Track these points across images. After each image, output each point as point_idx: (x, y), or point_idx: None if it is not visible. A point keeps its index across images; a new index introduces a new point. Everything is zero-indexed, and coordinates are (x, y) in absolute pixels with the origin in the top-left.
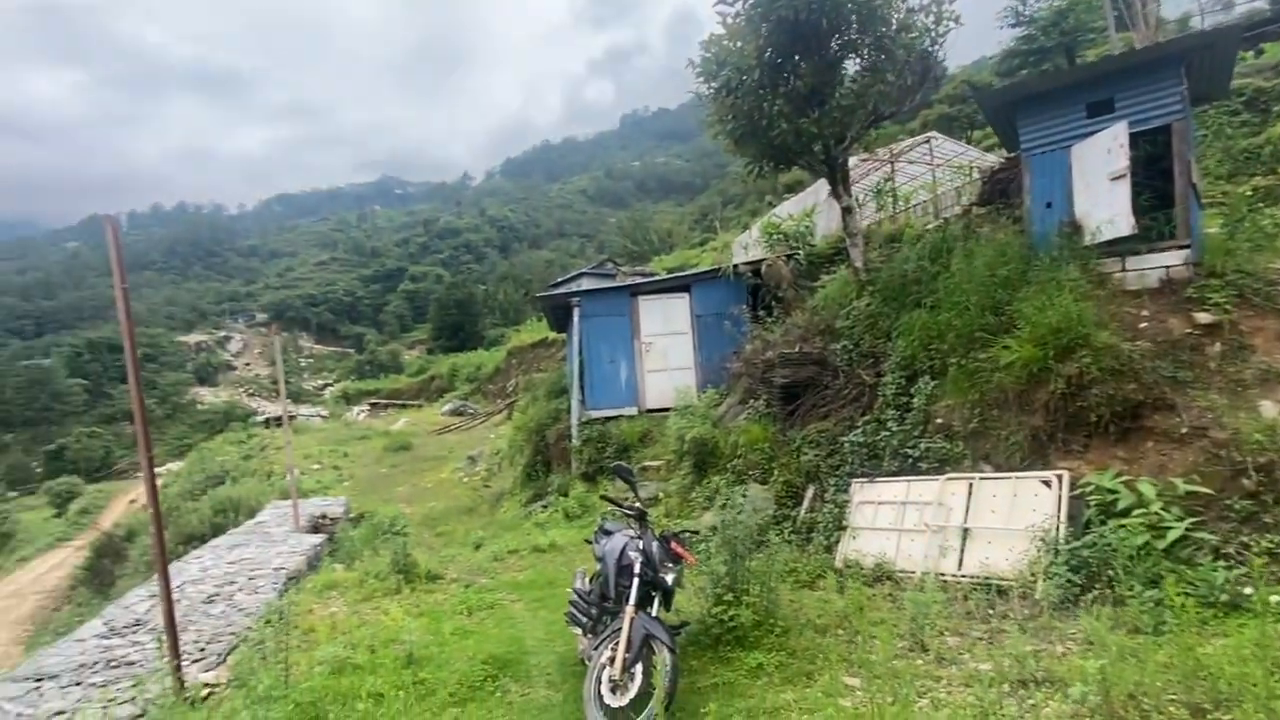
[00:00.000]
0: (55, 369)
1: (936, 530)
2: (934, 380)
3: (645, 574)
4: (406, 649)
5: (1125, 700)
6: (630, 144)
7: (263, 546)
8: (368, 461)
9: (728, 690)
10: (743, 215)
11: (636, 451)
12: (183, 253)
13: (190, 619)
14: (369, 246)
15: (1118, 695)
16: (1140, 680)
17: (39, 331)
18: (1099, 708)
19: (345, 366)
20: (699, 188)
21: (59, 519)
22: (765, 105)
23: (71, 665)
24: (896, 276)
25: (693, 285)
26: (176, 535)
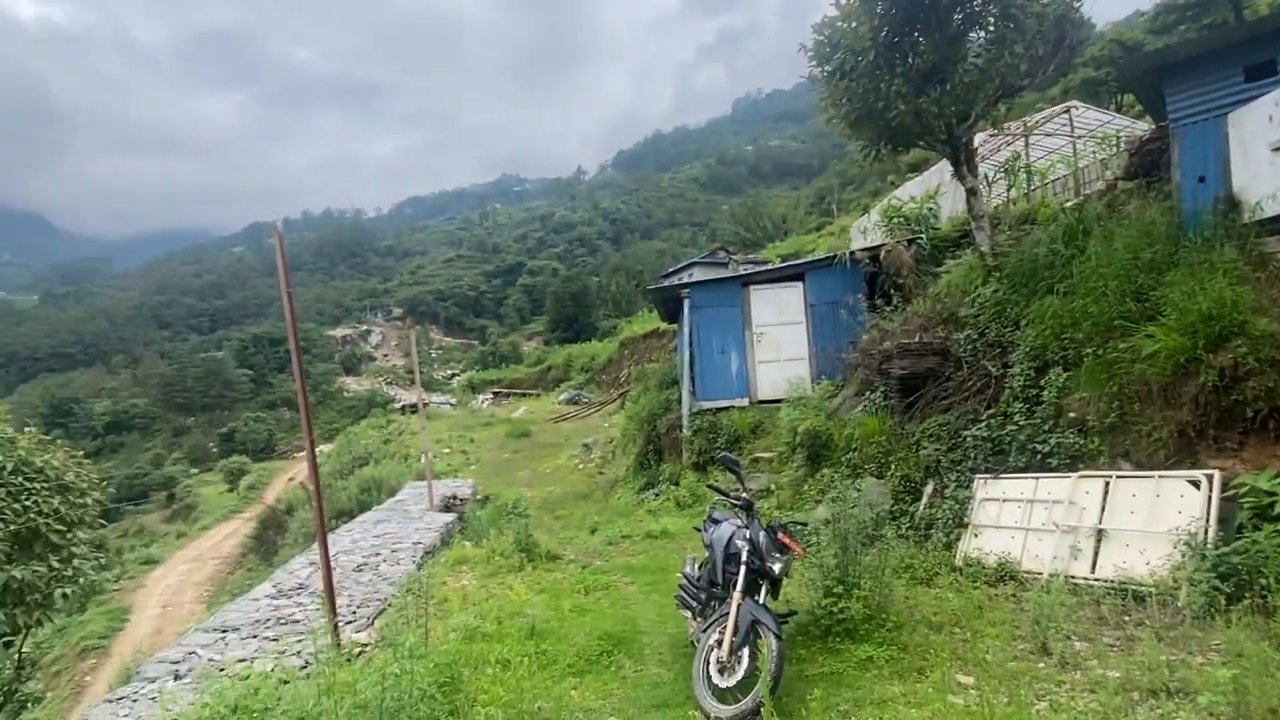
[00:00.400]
0: (226, 360)
1: (1067, 530)
2: (1067, 372)
3: (752, 562)
4: (529, 622)
5: (1266, 714)
6: (743, 128)
7: (402, 523)
8: (491, 447)
9: (835, 680)
10: (862, 197)
11: (748, 443)
12: (329, 254)
13: (343, 585)
14: (490, 243)
15: (1257, 708)
16: None
17: (213, 327)
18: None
19: (470, 357)
20: (816, 169)
21: (231, 493)
22: (882, 86)
23: (249, 620)
24: (1027, 261)
25: (807, 274)
26: (329, 510)
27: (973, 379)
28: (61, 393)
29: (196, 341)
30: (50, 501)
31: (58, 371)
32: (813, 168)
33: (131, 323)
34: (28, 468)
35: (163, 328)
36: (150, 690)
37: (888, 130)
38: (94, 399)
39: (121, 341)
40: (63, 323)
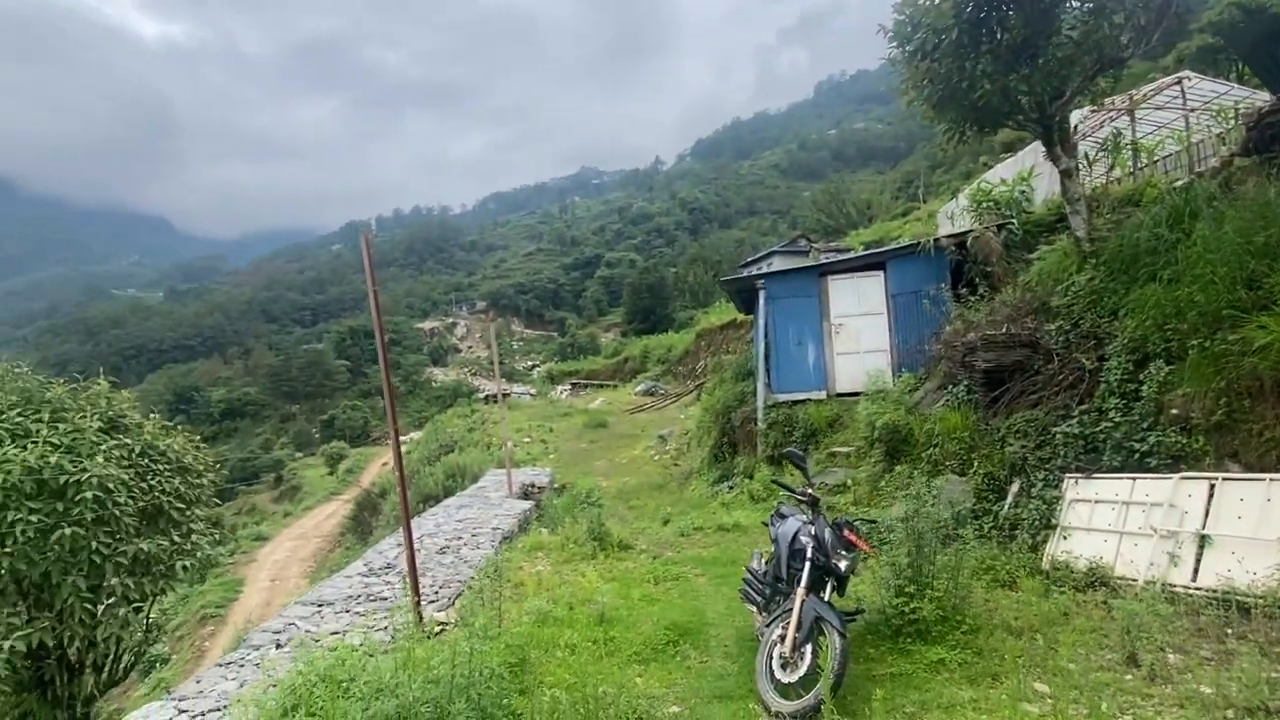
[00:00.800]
0: (326, 352)
1: (1166, 535)
2: (1169, 365)
3: (817, 559)
4: (599, 609)
5: None
6: (826, 112)
7: (483, 508)
8: (569, 436)
9: (903, 681)
10: (953, 181)
11: (825, 436)
12: (418, 250)
13: (426, 566)
14: (569, 236)
15: None
16: None
17: (314, 321)
18: None
19: (550, 349)
20: (902, 152)
21: (331, 476)
22: (966, 65)
23: (342, 596)
24: (1127, 246)
25: (888, 262)
26: (417, 495)
27: (1064, 373)
28: (183, 381)
29: (300, 334)
30: (172, 481)
31: (180, 362)
32: (899, 150)
33: (243, 317)
34: (153, 450)
35: (270, 321)
36: (255, 657)
37: (973, 111)
38: (211, 387)
39: (235, 334)
40: (184, 317)
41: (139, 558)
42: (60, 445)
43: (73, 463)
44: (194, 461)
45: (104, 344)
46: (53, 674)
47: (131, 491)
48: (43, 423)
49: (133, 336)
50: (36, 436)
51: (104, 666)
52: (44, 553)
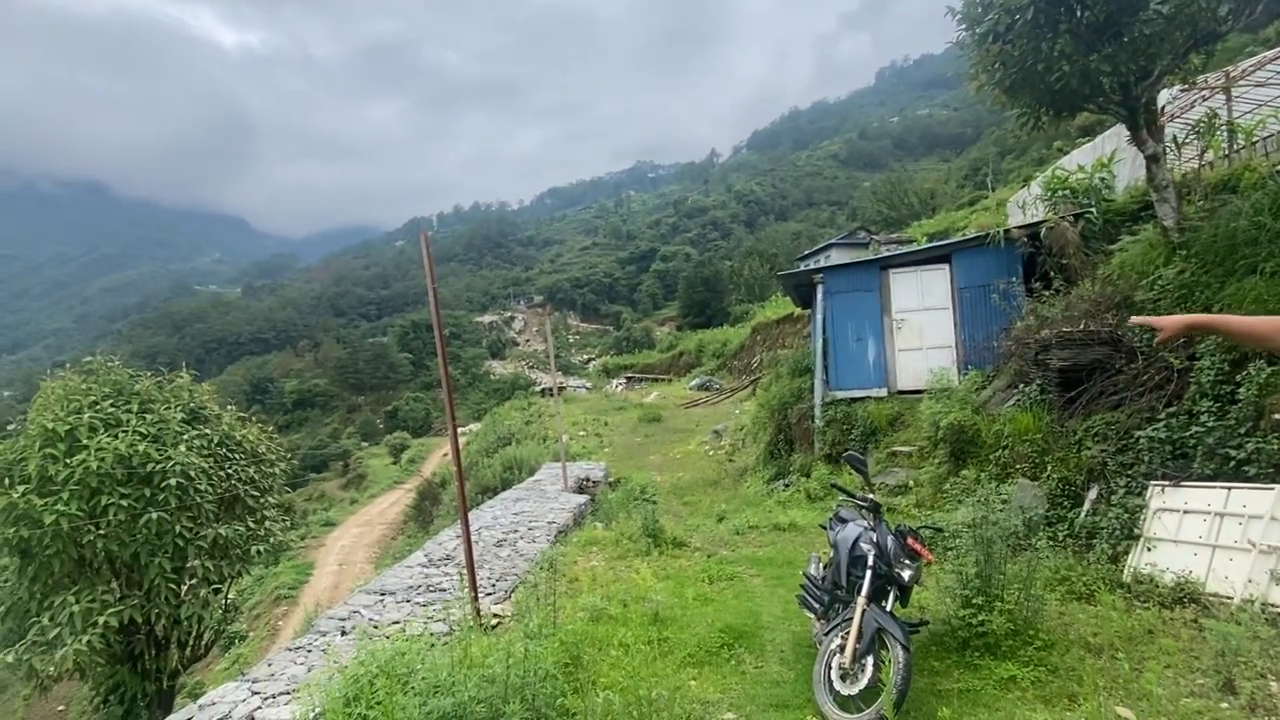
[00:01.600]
0: (390, 345)
1: (1267, 551)
2: (1271, 366)
3: (879, 567)
4: (653, 608)
5: None
6: (888, 99)
7: (539, 502)
8: (624, 430)
9: (971, 699)
10: (1024, 167)
11: (885, 435)
12: (477, 245)
13: (484, 559)
14: (624, 230)
15: None
16: None
17: (379, 315)
18: None
19: (605, 343)
20: (969, 139)
21: (395, 466)
22: (1044, 46)
23: (404, 586)
24: (1222, 236)
25: (954, 255)
26: (475, 486)
27: (1149, 372)
28: (259, 373)
29: (366, 328)
30: (247, 470)
31: (256, 355)
32: (965, 137)
33: (313, 311)
34: (230, 440)
35: (338, 315)
36: (321, 643)
37: (1050, 95)
38: (284, 379)
39: (306, 328)
40: (259, 312)
41: (218, 542)
42: (147, 434)
43: (158, 451)
44: (267, 451)
45: (189, 337)
46: (142, 648)
47: (211, 479)
48: (132, 413)
49: (214, 330)
50: (126, 426)
51: (187, 643)
52: (133, 535)
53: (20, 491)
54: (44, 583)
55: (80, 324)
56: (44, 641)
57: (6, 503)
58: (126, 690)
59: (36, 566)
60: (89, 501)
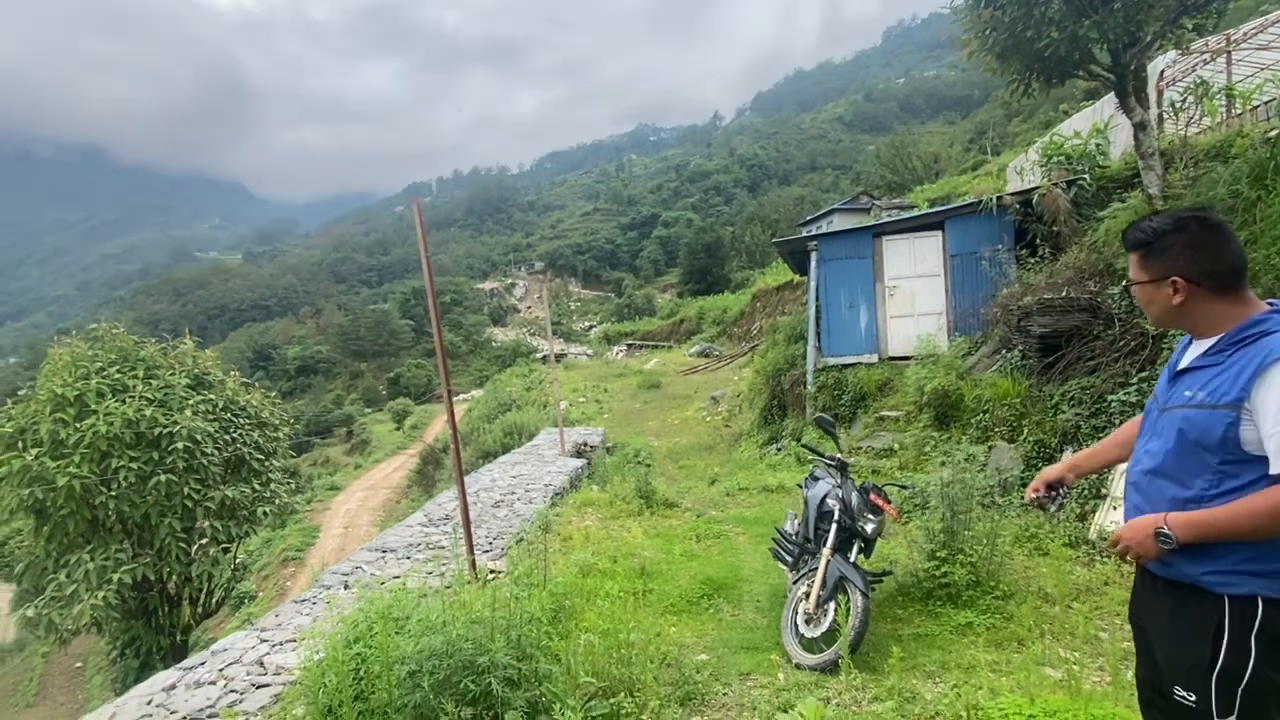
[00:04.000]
0: (391, 312)
1: None
2: None
3: (843, 521)
4: (641, 563)
5: None
6: (894, 60)
7: (537, 465)
8: (623, 397)
9: (927, 642)
10: (1030, 131)
11: (874, 400)
12: (477, 210)
13: (482, 519)
14: (626, 195)
15: None
16: None
17: (380, 281)
18: None
19: (607, 309)
20: (976, 101)
21: (398, 431)
22: (1036, 12)
23: (404, 543)
24: (1202, 204)
25: (947, 222)
26: (477, 451)
27: (1125, 338)
28: (262, 340)
29: (366, 294)
30: (251, 435)
31: (258, 321)
32: (973, 99)
33: (314, 278)
34: (234, 405)
35: (339, 282)
36: (325, 596)
37: (1039, 61)
38: (287, 345)
39: (307, 295)
40: (260, 279)
41: (225, 503)
42: (154, 400)
43: (165, 416)
44: (270, 416)
45: (190, 304)
46: (155, 605)
47: (217, 443)
48: (138, 379)
49: (215, 297)
50: (133, 391)
51: (198, 600)
52: (144, 496)
53: (33, 454)
54: (59, 542)
55: (82, 291)
56: (62, 597)
57: (21, 465)
58: (142, 644)
59: (52, 526)
60: (100, 464)
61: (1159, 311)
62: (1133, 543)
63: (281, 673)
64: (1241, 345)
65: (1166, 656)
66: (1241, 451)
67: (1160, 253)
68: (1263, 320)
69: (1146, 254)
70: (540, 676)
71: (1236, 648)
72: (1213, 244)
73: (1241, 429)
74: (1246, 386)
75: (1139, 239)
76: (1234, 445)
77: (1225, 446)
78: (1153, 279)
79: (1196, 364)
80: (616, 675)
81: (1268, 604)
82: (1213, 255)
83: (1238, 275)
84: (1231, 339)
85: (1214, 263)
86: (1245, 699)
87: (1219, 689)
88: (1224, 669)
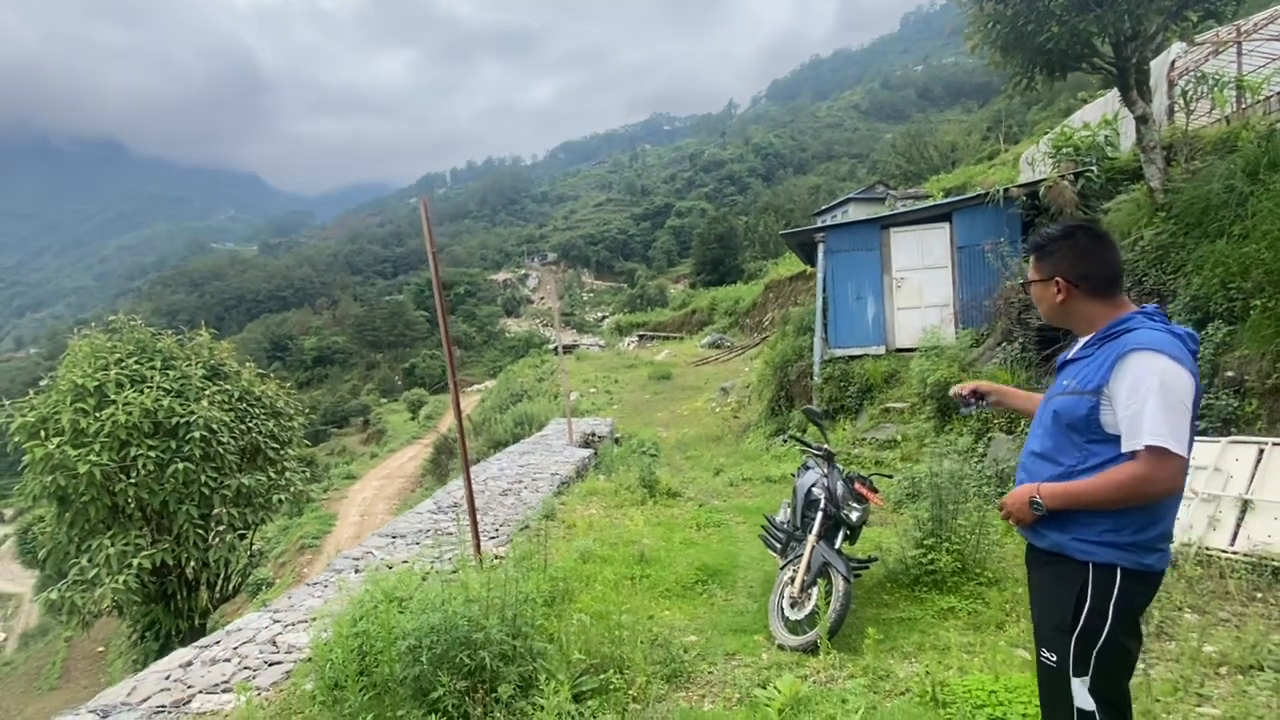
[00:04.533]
0: (405, 303)
1: (1208, 499)
2: (1229, 326)
3: (829, 509)
4: (640, 550)
5: None
6: (912, 47)
7: (545, 455)
8: (634, 388)
9: (909, 625)
10: (1051, 119)
11: (880, 392)
12: (491, 202)
13: (489, 506)
14: (639, 185)
15: None
16: None
17: (395, 273)
18: None
19: (619, 300)
20: (995, 88)
21: (413, 421)
22: (1038, 5)
23: (414, 530)
24: (1199, 199)
25: (954, 214)
26: (488, 441)
27: None
28: (278, 330)
29: (382, 285)
30: (266, 424)
31: (275, 312)
32: (991, 87)
33: (330, 269)
34: (250, 396)
35: (355, 273)
36: (336, 580)
37: (1040, 55)
38: (303, 336)
39: (323, 285)
40: (277, 270)
41: (241, 491)
42: (171, 390)
43: (182, 405)
44: (285, 406)
45: (207, 295)
46: (174, 589)
47: (233, 432)
48: (155, 369)
49: (232, 288)
50: (151, 382)
51: (215, 584)
52: (162, 484)
53: (56, 443)
54: (81, 527)
55: (100, 282)
56: (84, 581)
57: (44, 453)
58: (161, 627)
59: (74, 512)
60: (119, 452)
61: (1046, 308)
62: (1013, 508)
63: (293, 651)
64: (1107, 340)
65: (1037, 620)
66: (1103, 431)
67: (1049, 256)
68: (1127, 319)
69: (1039, 256)
70: (534, 653)
71: (1096, 613)
72: (1094, 252)
73: (1101, 412)
74: (1106, 375)
75: (1036, 243)
76: (1096, 426)
77: (1090, 427)
78: (1042, 278)
79: (1075, 357)
80: (607, 653)
81: (1125, 575)
82: (1092, 262)
83: (1112, 282)
84: (1100, 335)
85: (1093, 268)
86: (1099, 661)
87: (1077, 650)
88: (1082, 631)
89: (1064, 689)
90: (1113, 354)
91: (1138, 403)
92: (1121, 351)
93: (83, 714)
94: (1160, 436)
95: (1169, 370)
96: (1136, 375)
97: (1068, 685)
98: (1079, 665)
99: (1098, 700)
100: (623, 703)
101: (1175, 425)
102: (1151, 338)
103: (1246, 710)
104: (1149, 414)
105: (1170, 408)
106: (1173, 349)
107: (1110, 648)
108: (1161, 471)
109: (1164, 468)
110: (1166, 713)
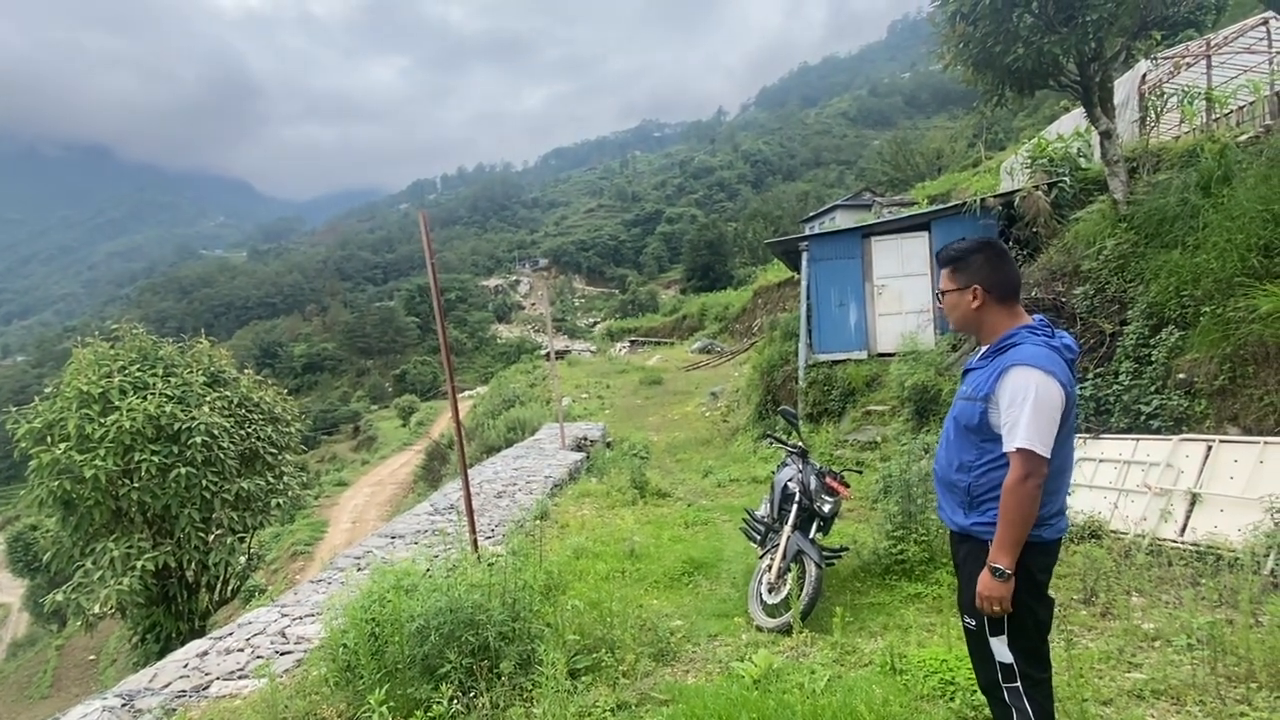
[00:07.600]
0: (397, 309)
1: (1160, 493)
2: (1181, 331)
3: (803, 502)
4: (631, 546)
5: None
6: (900, 54)
7: (538, 459)
8: (625, 393)
9: (878, 609)
10: (1036, 125)
11: (862, 395)
12: (482, 208)
13: (485, 508)
14: (630, 191)
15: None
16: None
17: (385, 279)
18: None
19: (610, 306)
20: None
21: (404, 428)
22: (1006, 27)
23: (412, 530)
24: (1157, 210)
25: (933, 223)
26: (481, 446)
27: (1085, 336)
28: (268, 337)
29: (372, 292)
30: (265, 430)
31: (264, 319)
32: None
33: (319, 275)
34: (248, 402)
35: (345, 279)
36: (339, 576)
37: (1009, 74)
38: (293, 343)
39: (313, 292)
40: (266, 276)
41: (240, 495)
42: (173, 396)
43: (184, 411)
44: (283, 412)
45: (197, 301)
46: (175, 591)
47: (233, 437)
48: (158, 376)
49: (221, 295)
50: (153, 389)
51: (215, 587)
52: (164, 488)
53: (63, 448)
54: (85, 531)
55: (89, 289)
56: (89, 583)
57: (51, 458)
58: (162, 629)
59: (79, 516)
60: (123, 457)
61: (960, 316)
62: (992, 595)
63: (302, 642)
64: (999, 352)
65: (959, 592)
66: (992, 432)
67: (967, 267)
68: (1015, 334)
69: (955, 268)
70: (532, 635)
71: None
72: (1000, 264)
73: (989, 415)
74: (993, 386)
75: (951, 256)
76: (987, 428)
77: (982, 429)
78: (959, 287)
79: (974, 366)
80: (599, 635)
81: (1024, 547)
82: (1001, 273)
83: (1015, 292)
84: (994, 347)
85: (1002, 278)
86: (1011, 621)
87: (991, 614)
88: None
89: (985, 648)
90: (999, 368)
91: (1015, 411)
92: (1005, 366)
93: (109, 698)
94: (1029, 441)
95: (1042, 384)
96: (1014, 388)
97: (987, 645)
98: (994, 627)
99: (1014, 652)
100: (613, 678)
101: (1043, 431)
102: (1030, 353)
103: (1169, 675)
104: (1023, 423)
105: (1039, 416)
106: (1047, 363)
107: (1019, 609)
108: (1030, 467)
109: (1031, 465)
110: (1099, 678)
